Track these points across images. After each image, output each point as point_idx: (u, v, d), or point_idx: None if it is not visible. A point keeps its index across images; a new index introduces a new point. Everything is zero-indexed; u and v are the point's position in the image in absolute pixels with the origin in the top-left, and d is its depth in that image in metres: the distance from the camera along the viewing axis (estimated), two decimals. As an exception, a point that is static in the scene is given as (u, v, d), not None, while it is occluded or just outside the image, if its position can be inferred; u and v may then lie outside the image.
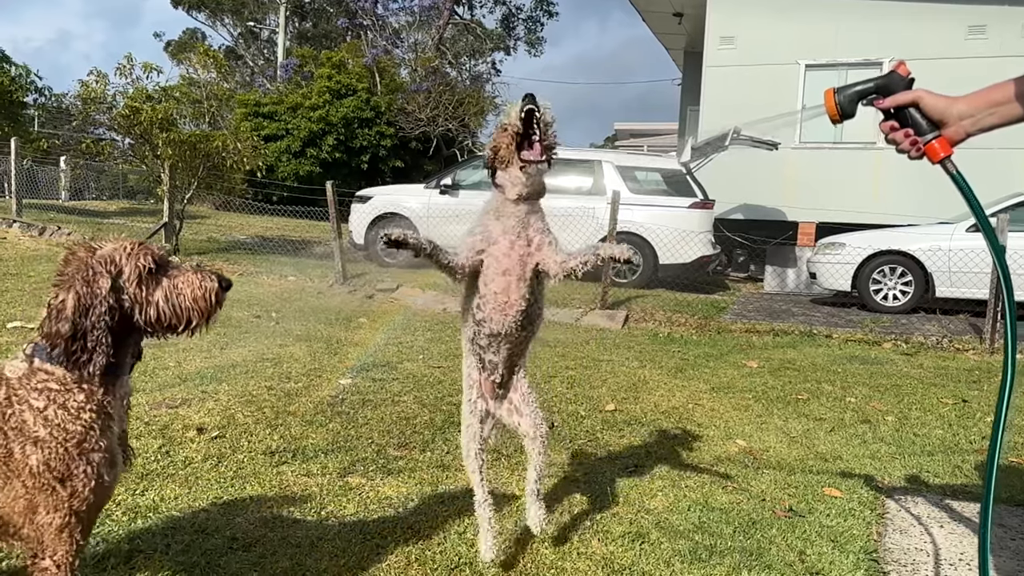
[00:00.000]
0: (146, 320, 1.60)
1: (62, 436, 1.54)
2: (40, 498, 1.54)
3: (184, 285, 1.61)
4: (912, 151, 1.60)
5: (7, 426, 1.53)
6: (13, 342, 5.12)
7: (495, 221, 2.28)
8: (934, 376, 6.05)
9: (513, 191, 2.26)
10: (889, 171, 12.20)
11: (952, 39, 12.02)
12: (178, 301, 1.60)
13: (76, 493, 1.56)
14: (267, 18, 36.49)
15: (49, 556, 1.59)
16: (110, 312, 1.56)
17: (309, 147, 22.48)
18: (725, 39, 13.67)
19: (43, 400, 1.55)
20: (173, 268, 1.65)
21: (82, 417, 1.57)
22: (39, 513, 1.56)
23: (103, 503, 1.67)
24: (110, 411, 1.62)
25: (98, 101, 11.66)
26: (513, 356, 2.36)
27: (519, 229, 2.26)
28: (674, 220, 10.41)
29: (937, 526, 2.96)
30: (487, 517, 2.36)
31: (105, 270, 1.57)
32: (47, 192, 19.46)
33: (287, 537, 2.57)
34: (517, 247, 2.25)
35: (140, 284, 1.58)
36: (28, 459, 1.53)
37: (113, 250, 1.60)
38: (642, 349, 6.77)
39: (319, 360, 5.36)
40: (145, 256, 1.60)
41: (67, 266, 1.59)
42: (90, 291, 1.54)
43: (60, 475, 1.54)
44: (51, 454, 1.53)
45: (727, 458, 3.74)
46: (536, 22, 34.43)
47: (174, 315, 1.61)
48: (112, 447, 1.64)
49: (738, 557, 2.59)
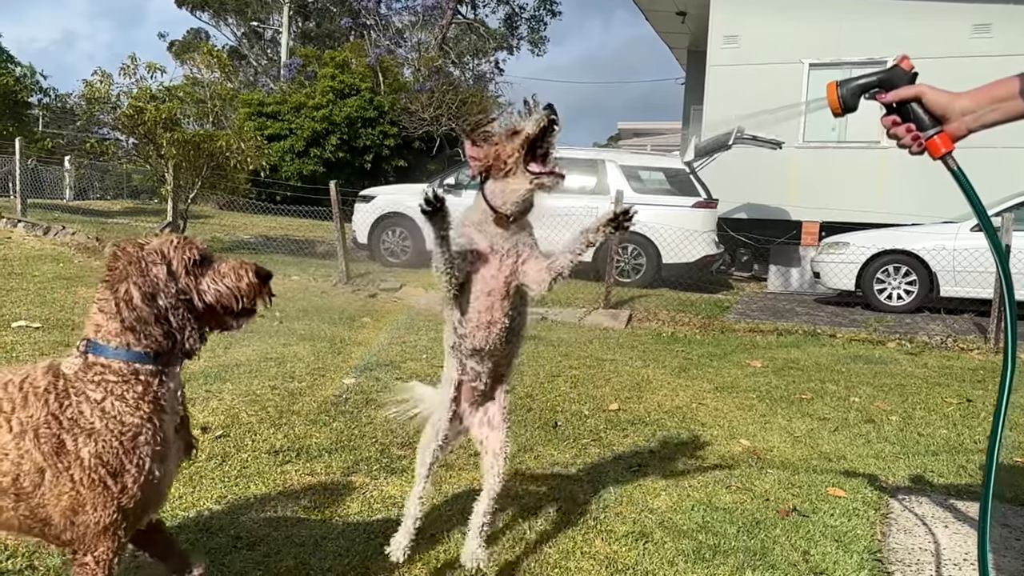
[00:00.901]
0: (200, 306, 1.64)
1: (118, 429, 1.55)
2: (88, 494, 1.54)
3: (228, 276, 1.65)
4: (913, 146, 1.59)
5: (63, 416, 1.54)
6: (17, 341, 5.13)
7: (479, 234, 2.12)
8: (938, 376, 6.03)
9: (508, 205, 2.07)
10: (893, 170, 12.17)
11: (957, 38, 11.99)
12: (222, 291, 1.64)
13: (126, 489, 1.56)
14: (271, 18, 36.53)
15: (90, 553, 1.59)
16: (179, 295, 1.60)
17: (312, 147, 22.49)
18: (729, 38, 13.65)
19: (101, 392, 1.56)
20: (216, 261, 1.68)
21: (141, 409, 1.58)
22: (86, 509, 1.55)
23: (153, 501, 1.66)
24: (164, 403, 1.64)
25: (102, 101, 11.69)
26: (499, 367, 2.27)
27: (508, 247, 2.11)
28: (678, 219, 10.40)
29: (941, 526, 2.96)
30: (414, 515, 2.28)
31: (157, 260, 1.61)
32: (51, 192, 19.52)
33: (291, 536, 2.57)
34: (505, 266, 2.11)
35: (188, 275, 1.62)
36: (80, 451, 1.53)
37: (160, 244, 1.64)
38: (646, 349, 6.77)
39: (323, 359, 5.37)
40: (191, 249, 1.64)
41: (117, 262, 1.61)
42: (148, 280, 1.58)
43: (112, 469, 1.55)
44: (104, 446, 1.54)
45: (731, 458, 3.74)
46: (539, 21, 34.42)
47: (221, 300, 1.64)
48: (167, 441, 1.65)
49: (742, 557, 2.59)
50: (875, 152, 12.31)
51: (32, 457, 1.54)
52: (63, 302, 6.83)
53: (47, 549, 2.34)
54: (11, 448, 1.54)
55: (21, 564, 2.25)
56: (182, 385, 1.73)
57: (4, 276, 8.06)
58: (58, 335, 5.49)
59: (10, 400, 1.56)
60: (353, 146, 23.01)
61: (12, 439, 1.54)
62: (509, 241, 2.11)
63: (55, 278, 8.18)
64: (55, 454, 1.54)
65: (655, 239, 10.54)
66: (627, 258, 10.67)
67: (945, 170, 1.61)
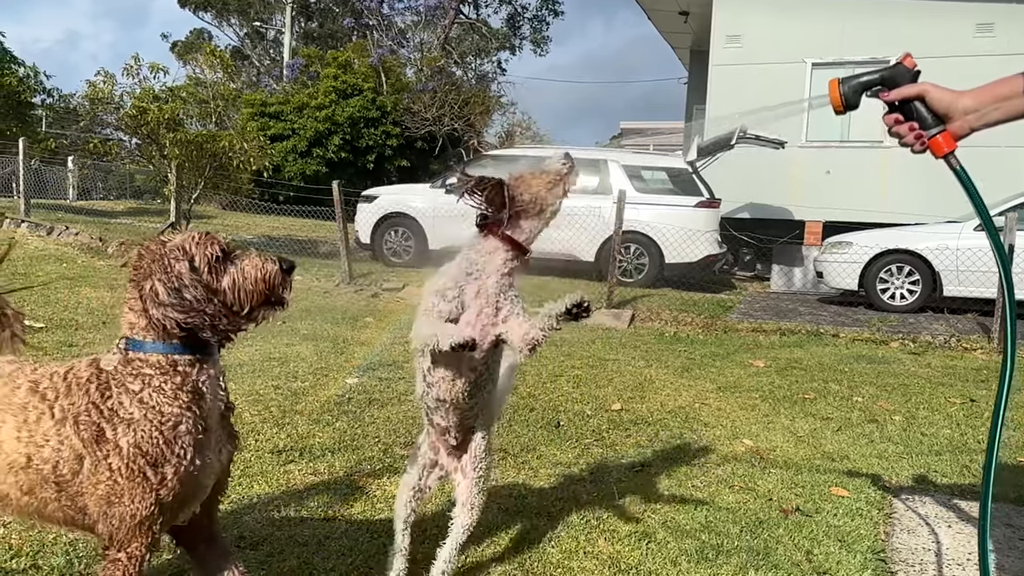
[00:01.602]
0: (219, 305, 1.64)
1: (157, 419, 1.57)
2: (126, 484, 1.55)
3: (249, 269, 1.66)
4: (916, 145, 1.59)
5: (103, 405, 1.57)
6: (22, 341, 5.14)
7: (473, 283, 2.07)
8: (942, 375, 6.02)
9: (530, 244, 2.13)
10: (896, 170, 12.15)
11: (960, 37, 11.97)
12: (244, 286, 1.65)
13: (165, 480, 1.57)
14: (273, 18, 36.55)
15: (124, 549, 1.59)
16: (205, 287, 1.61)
17: (315, 147, 22.51)
18: (731, 37, 13.64)
19: (139, 383, 1.59)
20: (238, 255, 1.69)
21: (179, 399, 1.60)
22: (123, 500, 1.56)
23: (193, 494, 1.66)
24: (204, 391, 1.66)
25: (105, 101, 11.71)
26: (465, 420, 2.19)
27: (492, 294, 2.06)
28: (680, 219, 10.39)
29: (945, 526, 2.95)
30: (398, 568, 2.24)
31: (179, 256, 1.62)
32: (55, 192, 19.55)
33: (294, 536, 2.58)
34: (483, 315, 2.05)
35: (211, 271, 1.63)
36: (119, 440, 1.55)
37: (183, 240, 1.65)
38: (648, 348, 6.76)
39: (325, 359, 5.38)
40: (212, 244, 1.65)
41: (141, 260, 1.64)
42: (173, 275, 1.60)
43: (151, 459, 1.56)
44: (144, 436, 1.55)
45: (734, 458, 3.74)
46: (542, 21, 34.41)
47: (242, 299, 1.65)
48: (208, 430, 1.66)
49: (745, 556, 2.59)
50: (878, 151, 12.30)
51: (71, 443, 1.56)
52: (67, 302, 6.84)
53: (51, 549, 2.35)
54: (52, 435, 1.57)
55: (25, 564, 2.26)
56: (223, 372, 1.74)
57: (8, 276, 8.08)
58: (62, 335, 5.50)
59: (54, 389, 1.60)
60: (356, 146, 23.02)
61: (53, 426, 1.57)
62: (495, 288, 2.06)
63: (59, 278, 8.20)
64: (94, 442, 1.56)
65: (658, 239, 10.53)
66: (630, 258, 10.66)
67: (948, 169, 1.61)
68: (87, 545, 2.38)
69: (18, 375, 1.64)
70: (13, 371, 1.66)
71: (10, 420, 1.59)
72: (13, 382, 1.63)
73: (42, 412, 1.58)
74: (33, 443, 1.57)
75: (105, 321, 6.11)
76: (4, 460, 1.58)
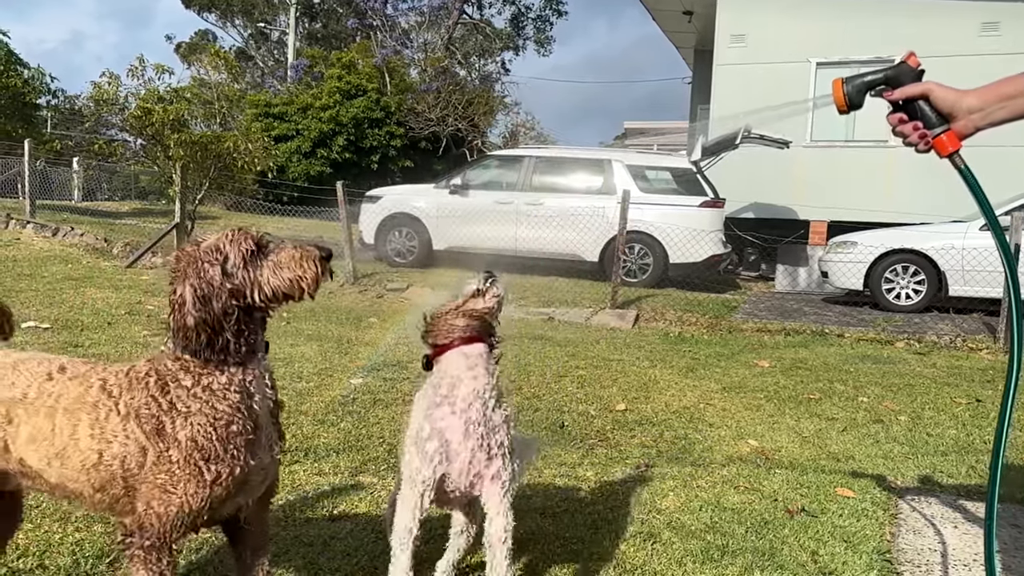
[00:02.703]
0: (260, 298, 1.66)
1: (212, 415, 1.60)
2: (182, 475, 1.58)
3: (286, 259, 1.67)
4: (920, 144, 1.58)
5: (163, 399, 1.61)
6: (28, 342, 5.16)
7: (453, 417, 1.91)
8: (947, 376, 6.01)
9: (479, 368, 1.96)
10: (901, 169, 12.12)
11: (965, 36, 11.93)
12: (283, 275, 1.66)
13: (219, 478, 1.60)
14: (277, 19, 36.61)
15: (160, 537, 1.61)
16: (233, 296, 1.62)
17: (319, 147, 22.53)
18: (735, 37, 13.62)
19: (190, 379, 1.62)
20: (274, 247, 1.71)
21: (228, 398, 1.62)
22: (176, 491, 1.58)
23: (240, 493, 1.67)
24: (252, 390, 1.67)
25: (110, 102, 11.77)
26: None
27: (479, 423, 1.91)
28: (684, 219, 10.38)
29: (951, 526, 2.94)
30: None
31: (213, 259, 1.63)
32: (60, 193, 19.60)
33: (300, 536, 2.58)
34: (475, 462, 1.91)
35: (247, 267, 1.65)
36: (178, 433, 1.59)
37: (216, 240, 1.67)
38: (652, 349, 6.76)
39: (330, 360, 5.38)
40: (246, 240, 1.67)
41: (178, 263, 1.66)
42: (204, 281, 1.61)
43: (206, 455, 1.58)
44: (199, 431, 1.59)
45: (739, 458, 3.73)
46: (545, 21, 34.41)
47: (282, 289, 1.66)
48: (258, 428, 1.68)
49: (750, 557, 2.59)
50: (883, 151, 12.26)
51: (136, 437, 1.60)
52: (72, 303, 6.86)
53: (57, 549, 2.35)
54: (119, 430, 1.61)
55: (32, 563, 2.26)
56: (271, 370, 1.76)
57: (14, 277, 8.11)
58: (67, 336, 5.52)
59: (118, 386, 1.65)
60: (360, 147, 23.04)
61: (120, 421, 1.61)
62: (479, 415, 1.92)
63: (64, 279, 8.23)
64: (156, 434, 1.60)
65: (662, 239, 10.52)
66: (634, 258, 10.65)
67: (952, 169, 1.60)
68: (93, 545, 2.39)
69: (91, 374, 1.69)
70: (87, 371, 1.70)
71: (84, 418, 1.63)
72: (87, 381, 1.67)
73: (110, 409, 1.63)
74: (104, 439, 1.61)
75: (110, 322, 6.13)
76: (79, 458, 1.62)
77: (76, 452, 1.62)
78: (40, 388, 1.66)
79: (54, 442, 1.63)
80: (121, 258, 10.19)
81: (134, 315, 6.53)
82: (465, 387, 1.94)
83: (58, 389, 1.66)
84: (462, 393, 1.93)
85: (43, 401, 1.64)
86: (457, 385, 1.94)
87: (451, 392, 1.94)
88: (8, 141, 18.50)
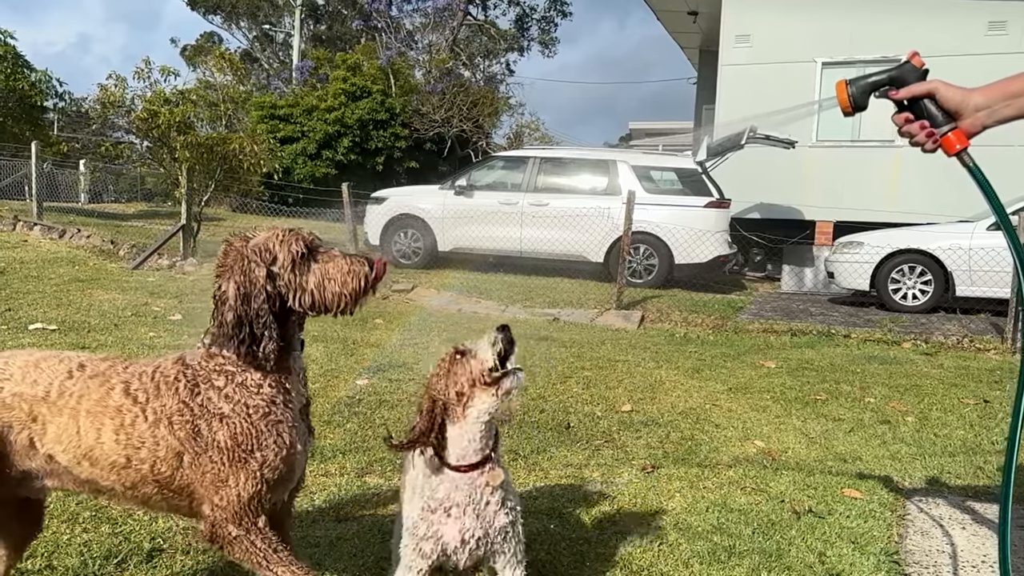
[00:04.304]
0: (300, 304, 1.65)
1: (245, 412, 1.60)
2: (230, 470, 1.59)
3: (335, 271, 1.65)
4: (928, 143, 1.57)
5: (194, 403, 1.61)
6: (35, 344, 5.18)
7: (450, 523, 1.76)
8: (955, 376, 5.98)
9: (475, 445, 1.76)
10: (908, 169, 12.09)
11: (971, 35, 11.89)
12: (329, 287, 1.64)
13: (268, 462, 1.61)
14: (282, 21, 36.71)
15: (234, 525, 1.62)
16: (269, 299, 1.61)
17: (325, 149, 22.59)
18: (741, 37, 13.60)
19: (223, 379, 1.62)
20: (324, 253, 1.68)
21: (262, 392, 1.63)
22: (228, 485, 1.60)
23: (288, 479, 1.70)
24: (288, 386, 1.68)
25: (117, 105, 11.80)
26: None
27: (479, 531, 1.78)
28: (690, 219, 10.37)
29: (959, 528, 2.93)
30: None
31: (260, 259, 1.62)
32: (67, 195, 19.69)
33: (306, 537, 2.58)
34: (474, 556, 1.81)
35: (294, 270, 1.63)
36: (215, 435, 1.59)
37: (266, 238, 1.65)
38: (658, 349, 6.75)
39: (335, 361, 5.39)
40: (297, 242, 1.65)
41: (226, 257, 1.65)
42: (248, 279, 1.60)
43: (250, 447, 1.60)
44: (237, 428, 1.59)
45: (745, 459, 3.72)
46: (550, 22, 34.42)
47: (325, 300, 1.65)
48: (297, 419, 1.69)
49: (757, 559, 2.58)
50: (889, 151, 12.22)
51: (168, 443, 1.60)
52: (79, 304, 6.89)
53: (65, 550, 2.36)
54: (147, 437, 1.60)
55: (40, 564, 2.27)
56: (304, 368, 1.76)
57: (21, 279, 8.14)
58: (74, 337, 5.53)
59: (144, 391, 1.63)
60: (365, 148, 23.08)
61: (148, 428, 1.61)
62: (481, 502, 1.78)
63: (71, 280, 8.26)
64: (192, 439, 1.60)
65: (667, 239, 10.51)
66: (639, 258, 10.64)
67: (960, 168, 1.59)
68: (101, 546, 2.39)
69: (111, 374, 1.66)
70: (106, 369, 1.68)
71: (108, 423, 1.61)
72: (107, 382, 1.65)
73: (136, 415, 1.61)
74: (131, 445, 1.61)
75: (117, 323, 6.15)
76: (106, 460, 1.62)
77: (102, 455, 1.62)
78: (61, 387, 1.64)
79: (80, 444, 1.62)
80: (127, 260, 10.22)
81: (140, 316, 6.54)
82: (461, 493, 1.77)
83: (79, 388, 1.64)
84: (457, 499, 1.77)
85: (65, 401, 1.63)
86: (454, 492, 1.77)
87: (448, 498, 1.77)
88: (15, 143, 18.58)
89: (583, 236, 10.60)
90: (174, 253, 10.57)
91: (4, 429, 1.63)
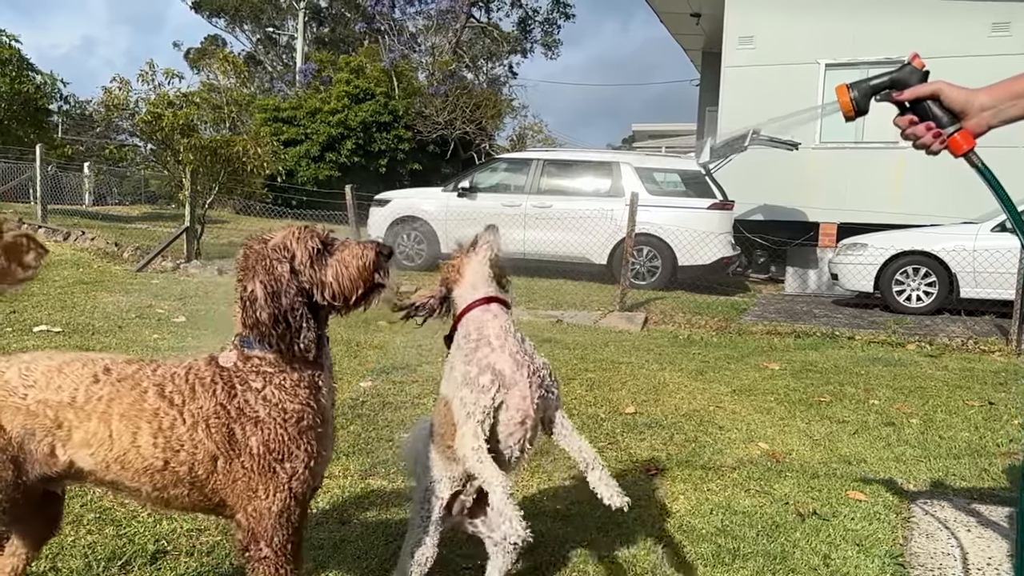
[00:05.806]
0: (324, 297, 1.66)
1: (281, 417, 1.60)
2: (259, 480, 1.59)
3: (350, 256, 1.67)
4: (935, 144, 1.56)
5: (231, 406, 1.60)
6: (39, 346, 5.19)
7: (495, 353, 1.93)
8: (959, 378, 5.96)
9: (486, 283, 2.06)
10: (912, 170, 12.06)
11: (975, 36, 11.87)
12: (346, 273, 1.66)
13: (296, 474, 1.61)
14: (285, 24, 36.79)
15: (265, 543, 1.62)
16: (301, 292, 1.63)
17: (328, 151, 22.62)
18: (744, 39, 13.59)
19: (261, 381, 1.62)
20: (338, 245, 1.71)
21: (299, 395, 1.63)
22: (258, 495, 1.60)
23: (318, 483, 1.71)
24: (321, 384, 1.68)
25: (121, 107, 11.84)
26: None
27: (521, 353, 1.93)
28: (693, 221, 10.36)
29: (964, 530, 2.92)
30: None
31: (281, 256, 1.63)
32: (71, 198, 19.74)
33: (310, 539, 2.58)
34: (535, 386, 1.92)
35: (313, 265, 1.65)
36: (249, 440, 1.59)
37: (284, 237, 1.67)
38: (662, 351, 6.74)
39: (339, 363, 5.39)
40: (313, 238, 1.67)
41: (246, 260, 1.65)
42: (273, 277, 1.61)
43: (280, 456, 1.60)
44: (271, 435, 1.60)
45: (749, 461, 3.71)
46: (553, 24, 34.43)
47: (344, 289, 1.67)
48: (326, 423, 1.70)
49: (761, 561, 2.57)
50: (893, 152, 12.20)
51: (206, 447, 1.60)
52: (83, 306, 6.90)
53: (69, 552, 2.36)
54: (186, 439, 1.60)
55: (44, 566, 2.27)
56: (332, 363, 1.77)
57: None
58: (79, 339, 5.55)
59: (180, 393, 1.62)
60: (368, 150, 23.12)
61: (186, 431, 1.60)
62: (517, 345, 1.95)
63: (75, 283, 8.28)
64: (226, 442, 1.60)
65: (670, 241, 10.50)
66: (642, 260, 10.64)
67: (964, 170, 1.59)
68: (105, 548, 2.40)
69: (141, 377, 1.65)
70: (135, 372, 1.66)
71: (145, 427, 1.60)
72: (139, 385, 1.64)
73: (174, 419, 1.61)
74: (170, 448, 1.60)
75: (121, 325, 6.16)
76: (141, 464, 1.61)
77: (138, 459, 1.61)
78: (88, 391, 1.62)
79: (112, 448, 1.60)
80: (132, 262, 10.25)
81: (145, 319, 6.56)
82: (492, 326, 1.97)
83: (107, 392, 1.62)
84: (493, 332, 1.96)
85: (93, 406, 1.61)
86: (484, 327, 1.97)
87: (482, 335, 1.96)
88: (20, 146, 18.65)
89: (586, 238, 10.60)
90: (178, 255, 10.59)
91: (26, 437, 1.61)
